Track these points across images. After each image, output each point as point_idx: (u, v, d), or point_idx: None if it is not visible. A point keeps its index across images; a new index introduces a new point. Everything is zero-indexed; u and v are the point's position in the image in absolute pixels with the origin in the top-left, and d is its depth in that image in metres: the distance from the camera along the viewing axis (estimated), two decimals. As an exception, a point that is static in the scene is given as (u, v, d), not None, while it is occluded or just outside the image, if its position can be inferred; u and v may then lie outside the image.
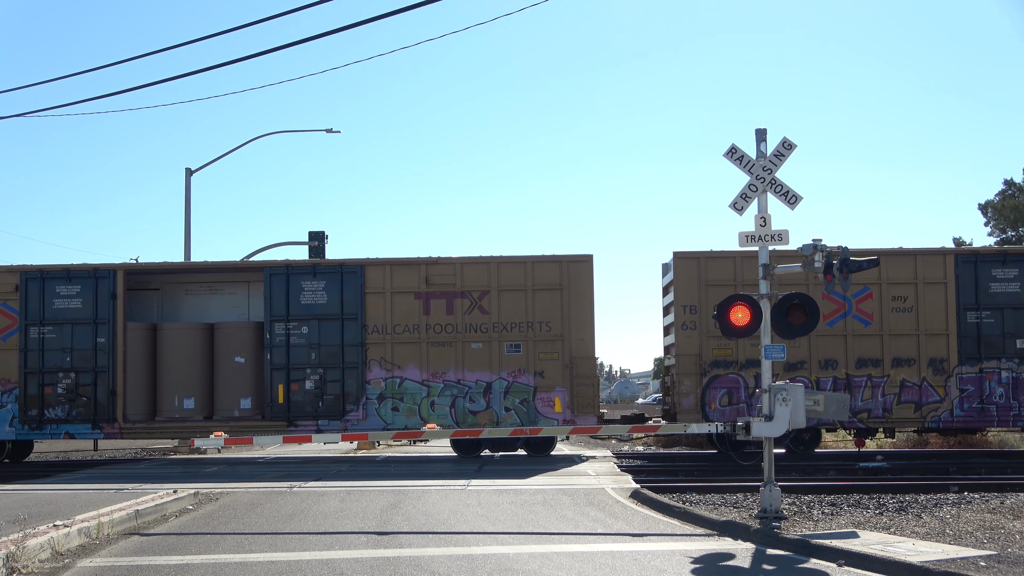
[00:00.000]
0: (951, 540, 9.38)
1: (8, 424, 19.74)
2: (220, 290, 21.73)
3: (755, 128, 11.41)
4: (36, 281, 19.95)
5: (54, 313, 19.89)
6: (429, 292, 19.62)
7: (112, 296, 19.87)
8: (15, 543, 8.90)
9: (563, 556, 9.11)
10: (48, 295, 19.92)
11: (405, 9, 13.41)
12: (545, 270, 19.63)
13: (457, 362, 19.49)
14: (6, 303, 19.98)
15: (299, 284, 19.70)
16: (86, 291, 19.92)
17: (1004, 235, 44.61)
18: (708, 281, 19.28)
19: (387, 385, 19.49)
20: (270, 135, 33.17)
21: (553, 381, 19.36)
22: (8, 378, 19.83)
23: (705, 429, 12.34)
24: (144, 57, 18.89)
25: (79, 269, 20.13)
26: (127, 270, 20.37)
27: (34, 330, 19.86)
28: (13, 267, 20.31)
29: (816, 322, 10.82)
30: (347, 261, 19.84)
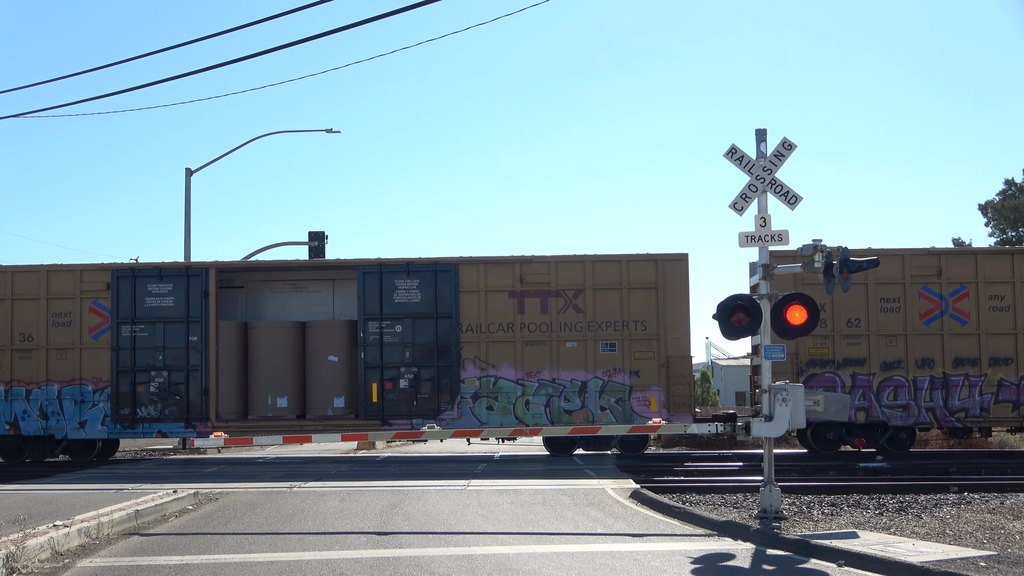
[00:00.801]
0: (951, 540, 9.37)
1: (100, 423, 19.62)
2: (304, 288, 21.61)
3: (755, 128, 11.41)
4: (128, 279, 19.86)
5: (146, 311, 19.80)
6: (523, 291, 19.54)
7: (204, 294, 19.80)
8: (15, 543, 8.89)
9: (563, 556, 9.11)
10: (140, 293, 19.83)
11: (405, 9, 13.41)
12: (640, 268, 19.56)
13: (552, 361, 19.38)
14: (97, 301, 19.87)
15: (392, 282, 19.59)
16: (178, 289, 19.83)
17: (1004, 235, 44.61)
18: (805, 280, 19.09)
19: (481, 384, 19.39)
20: (270, 135, 33.16)
21: (649, 380, 19.25)
22: (100, 376, 19.72)
23: (705, 429, 12.30)
24: (144, 57, 18.89)
25: (171, 267, 20.09)
26: (219, 268, 20.26)
27: (126, 328, 19.76)
28: (104, 265, 20.23)
29: (816, 322, 10.81)
30: (441, 259, 19.72)
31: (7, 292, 19.99)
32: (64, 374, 19.76)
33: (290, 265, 21.02)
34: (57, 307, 19.91)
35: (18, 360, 19.81)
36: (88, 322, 19.84)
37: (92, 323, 19.85)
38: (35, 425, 19.66)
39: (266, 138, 34.11)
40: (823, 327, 18.90)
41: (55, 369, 19.77)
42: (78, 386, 19.71)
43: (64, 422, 19.63)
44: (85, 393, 19.70)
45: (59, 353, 19.80)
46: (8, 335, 19.86)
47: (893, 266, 19.07)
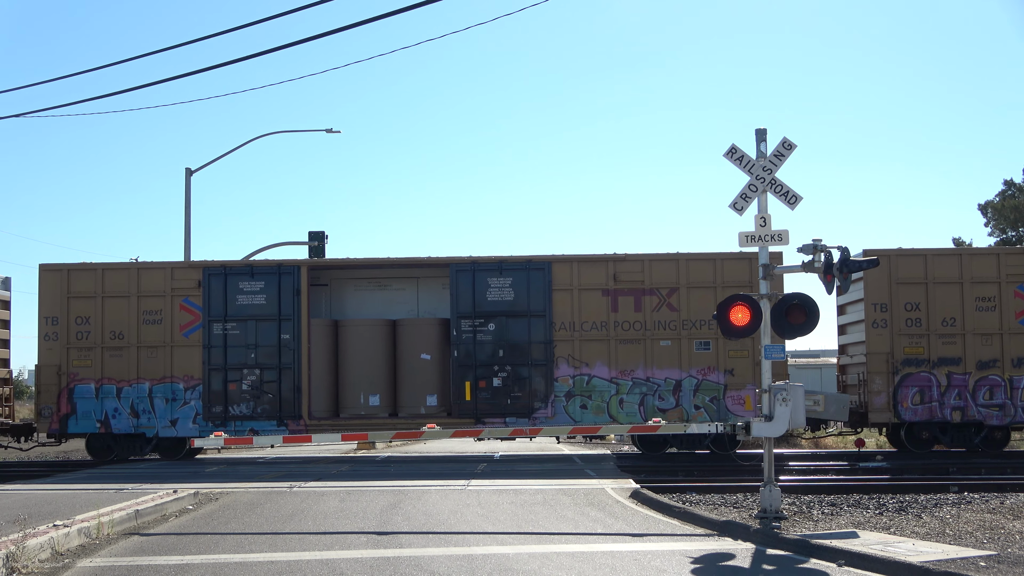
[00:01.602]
0: (951, 540, 9.37)
1: (191, 421, 19.52)
2: (388, 286, 21.53)
3: (755, 128, 11.42)
4: (219, 277, 19.76)
5: (237, 309, 19.70)
6: (617, 289, 19.47)
7: (296, 292, 19.69)
8: (15, 543, 8.90)
9: (563, 556, 9.11)
10: (231, 291, 19.73)
11: (405, 9, 13.41)
12: (734, 267, 19.51)
13: (646, 359, 19.30)
14: (188, 299, 19.77)
15: (485, 281, 19.51)
16: (269, 287, 19.73)
17: (1004, 235, 44.60)
18: (899, 279, 19.26)
19: (575, 382, 19.29)
20: (270, 135, 33.15)
21: (743, 379, 19.17)
22: (191, 374, 19.64)
23: (705, 429, 12.32)
24: (144, 57, 18.90)
25: (262, 265, 20.06)
26: (310, 266, 20.17)
27: (217, 326, 19.67)
28: (195, 263, 20.15)
29: (816, 322, 10.79)
30: (534, 258, 19.64)
31: (97, 290, 19.83)
32: (155, 372, 19.65)
33: (381, 263, 20.78)
34: (148, 305, 19.79)
35: (108, 358, 19.68)
36: (179, 320, 19.74)
37: (183, 321, 19.75)
38: (126, 423, 19.53)
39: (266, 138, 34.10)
40: (918, 326, 19.04)
41: (146, 367, 19.66)
42: (169, 384, 19.62)
43: (155, 420, 19.51)
44: (176, 391, 19.61)
45: (150, 351, 19.69)
46: (99, 333, 19.71)
47: (988, 265, 19.26)
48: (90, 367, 19.67)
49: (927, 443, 19.31)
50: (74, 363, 19.67)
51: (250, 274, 19.80)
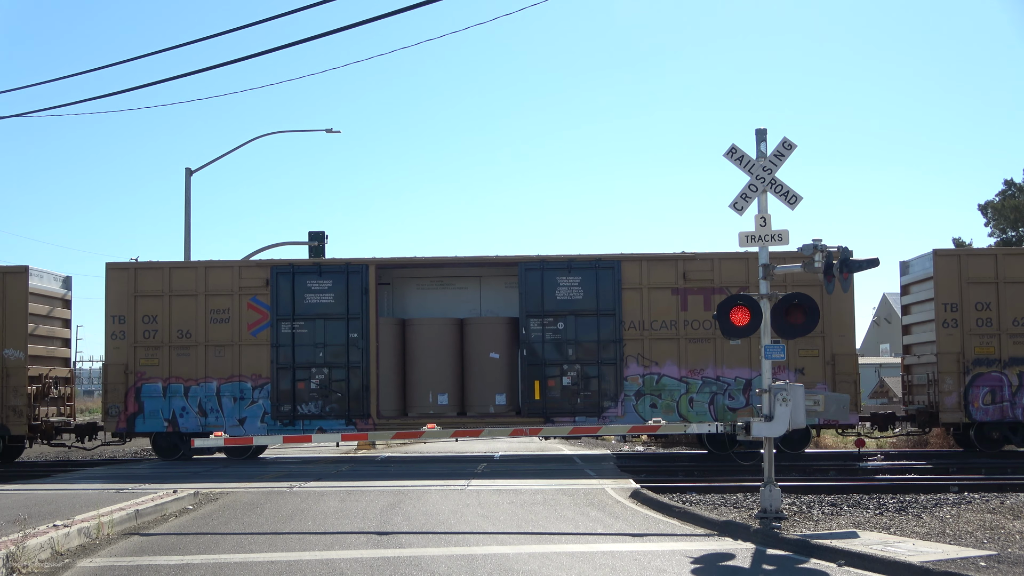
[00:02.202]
0: (951, 540, 9.37)
1: (259, 420, 19.44)
2: (450, 285, 21.45)
3: (755, 128, 11.42)
4: (287, 276, 19.67)
5: (305, 308, 19.62)
6: (687, 288, 19.40)
7: (364, 291, 19.59)
8: (15, 543, 8.90)
9: (563, 556, 9.11)
10: (299, 290, 19.65)
11: (405, 9, 13.42)
12: None
13: (716, 358, 19.24)
14: (256, 298, 19.67)
15: (554, 279, 19.43)
16: (338, 285, 19.64)
17: (1004, 235, 44.61)
18: (969, 279, 19.21)
19: (645, 381, 19.23)
20: (270, 135, 33.18)
21: (814, 378, 19.05)
22: (259, 373, 19.54)
23: (705, 429, 12.32)
24: (144, 57, 18.90)
25: (330, 264, 19.97)
26: (378, 264, 20.05)
27: (285, 325, 19.57)
28: (263, 262, 20.04)
29: (816, 322, 10.82)
30: (603, 256, 19.57)
31: (165, 288, 19.74)
32: (222, 371, 19.57)
33: (448, 261, 20.65)
34: (215, 303, 19.71)
35: (176, 357, 19.60)
36: (246, 318, 19.66)
37: (251, 319, 19.67)
38: (194, 422, 19.44)
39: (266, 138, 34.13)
40: (989, 326, 19.06)
41: (213, 366, 19.58)
42: (237, 383, 19.55)
43: (223, 419, 19.41)
44: (244, 390, 19.53)
45: (217, 350, 19.61)
46: (166, 332, 19.64)
47: None
48: (157, 366, 19.58)
49: (997, 443, 19.27)
50: (141, 362, 19.60)
51: (318, 273, 19.74)
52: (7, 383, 19.74)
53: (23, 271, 20.21)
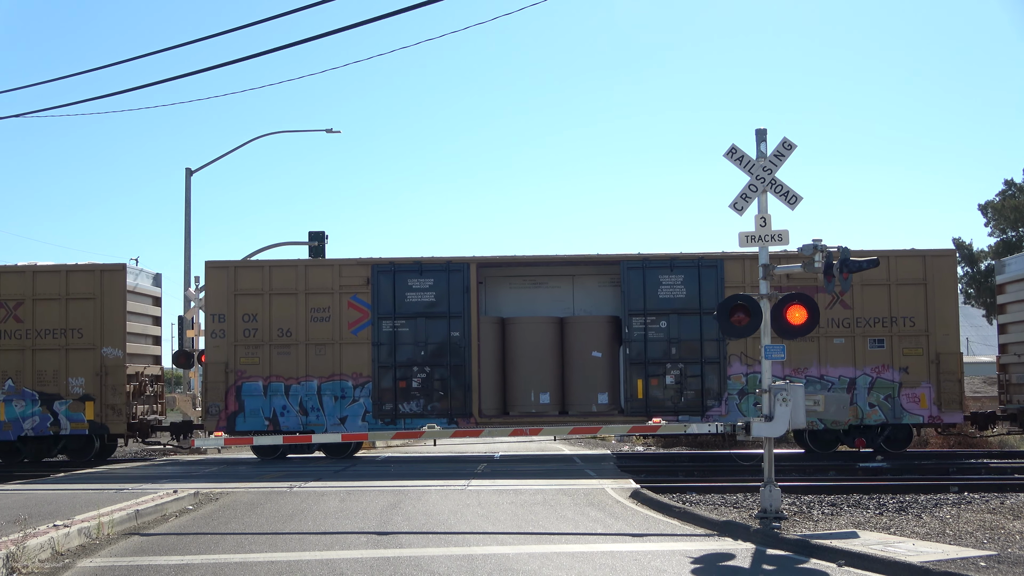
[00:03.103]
0: (951, 540, 9.37)
1: (360, 418, 19.35)
2: (543, 283, 21.37)
3: (755, 128, 11.42)
4: (387, 274, 19.62)
5: (406, 306, 19.56)
6: (789, 286, 19.25)
7: (465, 289, 19.52)
8: (15, 543, 8.90)
9: (563, 556, 9.11)
10: (399, 288, 19.59)
11: (405, 9, 13.42)
12: (907, 265, 19.42)
13: (819, 357, 19.20)
14: (356, 296, 19.59)
15: (656, 278, 19.36)
16: (439, 284, 19.57)
17: (1004, 235, 44.58)
18: None
19: (748, 380, 19.16)
20: (270, 135, 33.23)
21: (918, 377, 19.03)
22: (359, 372, 19.46)
23: (705, 429, 12.33)
24: (144, 57, 18.93)
25: (431, 262, 19.84)
26: (479, 263, 19.99)
27: (386, 323, 19.49)
28: (363, 260, 19.90)
29: (816, 322, 10.82)
30: (705, 255, 19.56)
31: (265, 287, 19.66)
32: (323, 369, 19.49)
33: (545, 260, 20.58)
34: (315, 302, 19.62)
35: (276, 355, 19.51)
36: (347, 317, 19.58)
37: (351, 318, 19.58)
38: (295, 421, 19.37)
39: (266, 138, 34.16)
40: None
41: (314, 364, 19.51)
42: (338, 381, 19.47)
43: (324, 418, 19.35)
44: (345, 389, 19.46)
45: (318, 348, 19.53)
46: (266, 330, 19.56)
47: None
48: (258, 364, 19.51)
49: None
50: (241, 360, 19.52)
51: (419, 271, 19.66)
52: (105, 381, 19.73)
53: (121, 269, 20.26)
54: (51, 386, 19.73)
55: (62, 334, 19.82)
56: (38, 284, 19.95)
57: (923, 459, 18.90)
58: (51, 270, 20.20)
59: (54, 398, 19.69)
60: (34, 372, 19.77)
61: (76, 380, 19.72)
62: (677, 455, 21.10)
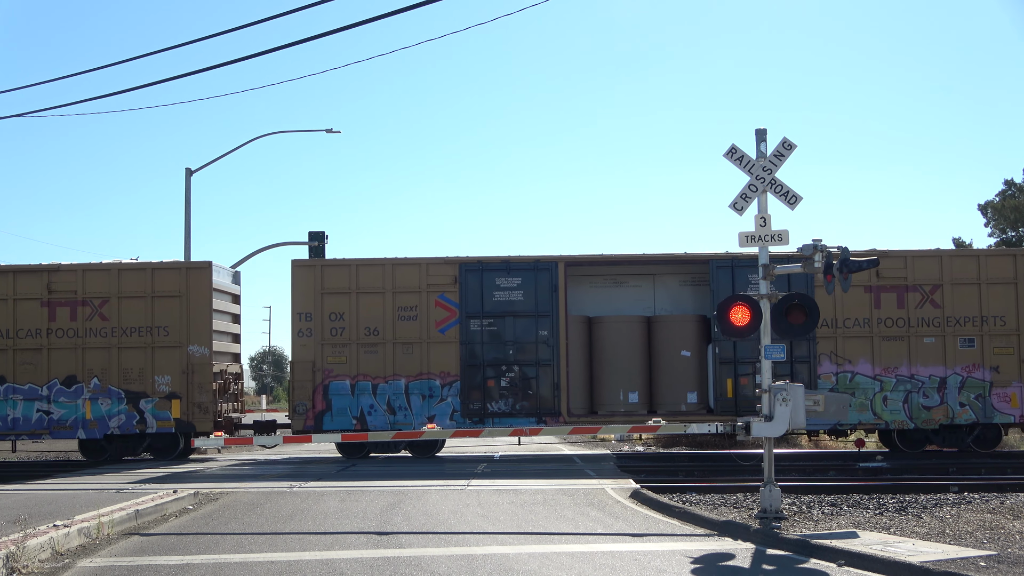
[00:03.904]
0: (951, 540, 9.38)
1: (448, 417, 19.34)
2: (624, 283, 21.37)
3: (755, 128, 11.43)
4: (475, 273, 19.62)
5: (494, 305, 19.55)
6: (879, 286, 19.44)
7: (553, 288, 19.52)
8: (15, 543, 8.90)
9: (563, 556, 9.11)
10: (487, 287, 19.59)
11: (405, 9, 13.42)
12: (997, 264, 19.52)
13: (910, 356, 19.23)
14: (444, 295, 19.59)
15: (745, 277, 19.40)
16: (527, 283, 19.59)
17: (1004, 235, 44.60)
18: None
19: (838, 379, 19.24)
20: (270, 135, 33.24)
21: (1009, 376, 19.08)
22: (447, 371, 19.46)
23: (705, 429, 12.32)
24: (144, 57, 18.96)
25: (519, 261, 19.82)
26: (567, 261, 19.95)
27: (474, 322, 19.50)
28: (450, 259, 19.87)
29: (816, 322, 10.83)
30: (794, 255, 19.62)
31: (352, 286, 19.66)
32: (410, 368, 19.47)
33: (632, 259, 20.51)
34: (402, 301, 19.62)
35: (363, 354, 19.51)
36: (434, 316, 19.58)
37: (438, 317, 19.58)
38: (382, 420, 19.37)
39: (266, 138, 34.18)
40: None
41: (401, 363, 19.51)
42: (425, 380, 19.48)
43: (411, 417, 19.36)
44: (433, 388, 19.45)
45: (405, 347, 19.52)
46: (354, 329, 19.54)
47: None
48: (345, 363, 19.50)
49: None
50: (328, 359, 19.52)
51: (506, 270, 19.69)
52: (192, 379, 19.71)
53: (207, 267, 20.22)
54: (137, 384, 19.71)
55: (148, 332, 19.80)
56: (123, 282, 19.92)
57: (923, 459, 18.91)
58: (136, 268, 20.22)
59: (140, 396, 19.67)
60: (120, 370, 19.74)
61: (162, 378, 19.72)
62: (677, 455, 21.10)
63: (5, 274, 20.04)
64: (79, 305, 19.83)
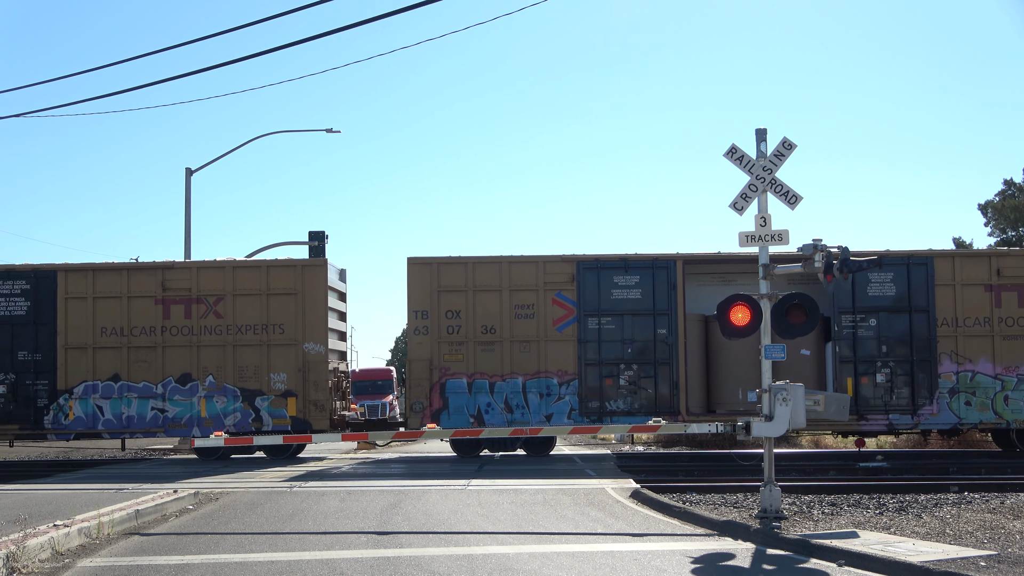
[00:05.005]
0: (951, 540, 9.37)
1: (566, 416, 19.31)
2: (732, 281, 21.36)
3: (755, 128, 11.42)
4: (592, 271, 19.62)
5: (611, 303, 19.55)
6: (1000, 284, 19.45)
7: (671, 287, 19.53)
8: (15, 543, 8.90)
9: (563, 556, 9.11)
10: (604, 285, 19.59)
11: (405, 9, 13.41)
12: None
13: None
14: (561, 293, 19.57)
15: (865, 276, 19.39)
16: (644, 281, 19.60)
17: (1004, 235, 44.60)
18: None
19: (959, 379, 19.26)
20: (270, 135, 33.23)
21: None
22: (565, 369, 19.44)
23: (705, 429, 12.32)
24: (144, 57, 18.94)
25: (636, 259, 19.82)
26: (685, 260, 19.93)
27: (592, 321, 19.49)
28: (567, 256, 19.84)
29: (816, 322, 10.83)
30: (915, 252, 19.63)
31: (468, 284, 19.66)
32: (528, 367, 19.46)
33: (745, 257, 20.22)
34: (519, 299, 19.61)
35: (480, 352, 19.51)
36: (551, 314, 19.57)
37: (555, 315, 19.56)
38: (499, 418, 19.33)
39: (266, 138, 34.16)
40: None
41: (519, 361, 19.48)
42: (543, 379, 19.46)
43: (529, 415, 19.33)
44: (550, 386, 19.44)
45: (522, 345, 19.51)
46: (470, 327, 19.54)
47: None
48: (462, 361, 19.51)
49: None
50: (445, 357, 19.52)
51: (624, 268, 19.68)
52: (307, 377, 19.67)
53: (323, 264, 20.23)
54: (252, 382, 19.68)
55: (263, 329, 19.76)
56: (238, 279, 19.92)
57: (923, 459, 18.91)
58: (251, 265, 20.31)
59: (255, 394, 19.64)
60: (235, 368, 19.72)
61: (278, 376, 19.68)
62: (677, 455, 21.10)
63: (119, 272, 20.06)
64: (193, 303, 19.84)
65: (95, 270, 20.01)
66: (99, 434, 19.95)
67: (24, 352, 19.73)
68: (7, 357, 19.70)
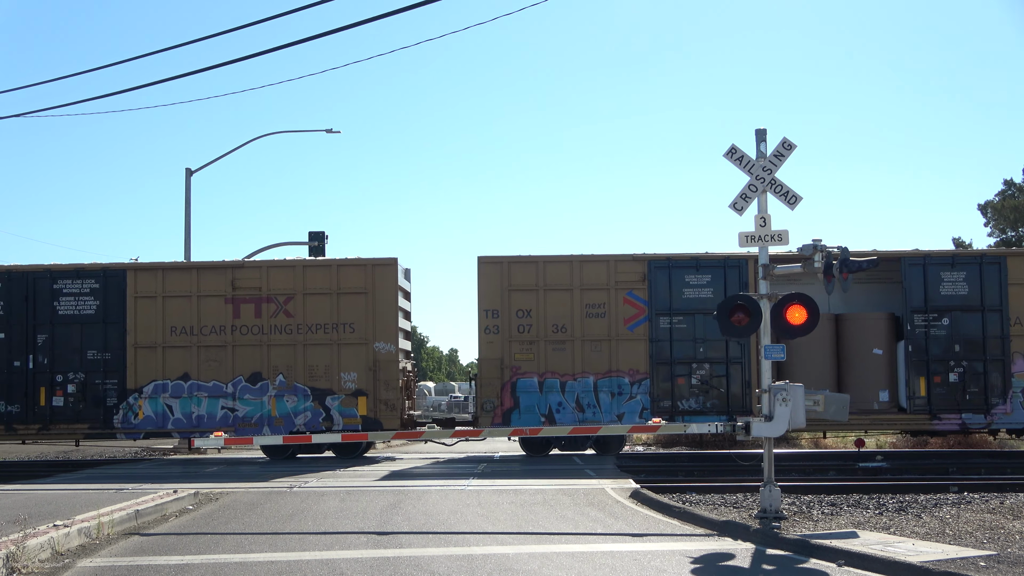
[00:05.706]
0: (951, 540, 9.37)
1: (637, 415, 19.32)
2: (797, 280, 21.09)
3: (755, 128, 11.42)
4: (663, 270, 19.68)
5: (683, 303, 19.61)
6: None
7: (743, 286, 19.59)
8: (15, 543, 8.90)
9: (563, 556, 9.11)
10: (675, 284, 19.63)
11: (405, 9, 13.41)
12: None
13: None
14: (632, 292, 19.59)
15: (937, 275, 19.49)
16: (716, 280, 19.68)
17: (1004, 235, 44.61)
18: None
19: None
20: (270, 135, 33.26)
21: None
22: (636, 368, 19.46)
23: (705, 429, 12.31)
24: (144, 57, 18.99)
25: (707, 258, 19.90)
26: (754, 260, 19.75)
27: (663, 320, 19.55)
28: (638, 255, 19.85)
29: (816, 322, 10.81)
30: (988, 251, 19.96)
31: (539, 283, 19.66)
32: (599, 366, 19.47)
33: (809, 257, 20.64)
34: (590, 298, 19.62)
35: (551, 351, 19.50)
36: (622, 313, 19.58)
37: (626, 314, 19.58)
38: (570, 417, 19.33)
39: (266, 138, 34.17)
40: None
41: (589, 360, 19.48)
42: (614, 378, 19.47)
43: (600, 415, 19.35)
44: (622, 385, 19.44)
45: (593, 344, 19.52)
46: (541, 326, 19.54)
47: None
48: (532, 360, 19.51)
49: None
50: (516, 356, 19.53)
51: (695, 267, 19.73)
52: (378, 376, 19.63)
53: (392, 263, 20.10)
54: (322, 381, 19.66)
55: (333, 328, 19.75)
56: (308, 278, 19.90)
57: (922, 459, 18.91)
58: (321, 264, 20.30)
59: (326, 393, 19.62)
60: (305, 367, 19.69)
61: (348, 375, 19.66)
62: (677, 455, 21.10)
63: (188, 271, 20.09)
64: (263, 302, 19.82)
65: (164, 269, 20.04)
66: (168, 433, 20.07)
67: (93, 351, 19.81)
68: (76, 356, 19.77)
